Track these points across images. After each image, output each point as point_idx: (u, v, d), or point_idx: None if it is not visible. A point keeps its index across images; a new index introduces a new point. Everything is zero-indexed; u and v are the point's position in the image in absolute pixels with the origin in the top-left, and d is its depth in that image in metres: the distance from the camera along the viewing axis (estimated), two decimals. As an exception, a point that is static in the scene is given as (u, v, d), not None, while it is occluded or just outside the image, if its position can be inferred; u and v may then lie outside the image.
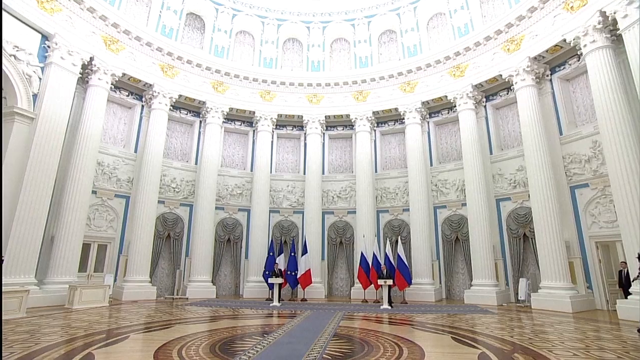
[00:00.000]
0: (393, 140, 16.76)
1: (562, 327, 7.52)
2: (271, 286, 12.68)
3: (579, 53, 11.04)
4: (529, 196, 11.87)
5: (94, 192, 12.44)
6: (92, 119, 12.01)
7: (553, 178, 11.20)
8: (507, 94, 13.68)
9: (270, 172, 16.20)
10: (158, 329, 7.24)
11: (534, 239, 11.42)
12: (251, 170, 16.33)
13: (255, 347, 5.60)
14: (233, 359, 4.91)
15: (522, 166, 12.68)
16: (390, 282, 11.57)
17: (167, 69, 14.42)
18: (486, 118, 14.27)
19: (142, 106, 14.47)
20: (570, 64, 11.87)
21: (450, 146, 15.45)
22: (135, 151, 14.00)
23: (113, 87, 13.26)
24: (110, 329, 7.01)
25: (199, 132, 15.87)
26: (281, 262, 13.65)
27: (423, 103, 15.22)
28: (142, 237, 12.70)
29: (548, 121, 12.00)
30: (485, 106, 14.37)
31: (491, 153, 13.91)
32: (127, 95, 14.15)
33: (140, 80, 13.81)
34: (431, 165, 15.41)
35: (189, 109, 15.74)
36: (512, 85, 12.73)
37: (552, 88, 12.35)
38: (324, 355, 5.21)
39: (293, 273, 13.60)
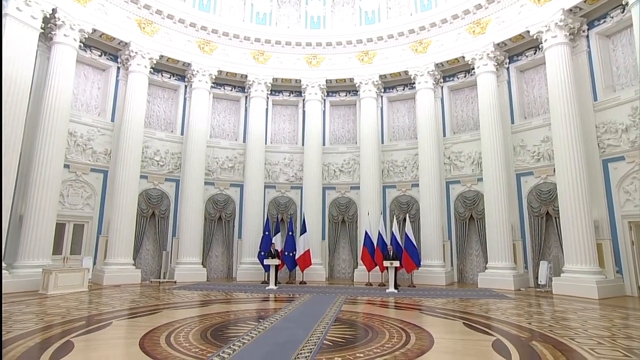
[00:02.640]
0: (402, 107, 16.51)
1: (587, 314, 7.60)
2: (267, 268, 12.81)
3: (623, 3, 10.59)
4: (554, 170, 11.75)
5: (66, 166, 12.30)
6: (60, 82, 11.63)
7: (583, 150, 11.02)
8: (535, 54, 13.27)
9: (265, 143, 16.05)
10: (144, 314, 7.33)
11: (558, 218, 11.38)
12: (244, 141, 16.18)
13: (250, 333, 5.67)
14: (226, 345, 4.97)
15: (548, 137, 12.48)
16: (397, 263, 11.67)
17: (145, 24, 13.95)
18: (508, 82, 13.94)
19: (118, 68, 14.09)
20: (612, 17, 11.35)
21: (466, 114, 15.20)
22: (112, 120, 13.77)
23: (83, 45, 12.83)
24: (91, 316, 7.09)
25: (185, 99, 15.59)
26: (278, 242, 13.71)
27: (437, 65, 14.84)
28: (124, 216, 12.70)
29: (581, 85, 11.67)
30: (507, 68, 14.00)
31: (513, 122, 13.69)
32: (100, 56, 13.75)
33: (114, 38, 13.37)
34: (444, 135, 15.23)
35: (173, 72, 15.38)
36: (541, 43, 12.29)
37: (588, 46, 11.93)
38: (324, 341, 5.28)
39: (291, 254, 13.72)
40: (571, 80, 11.41)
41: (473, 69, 14.12)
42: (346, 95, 16.84)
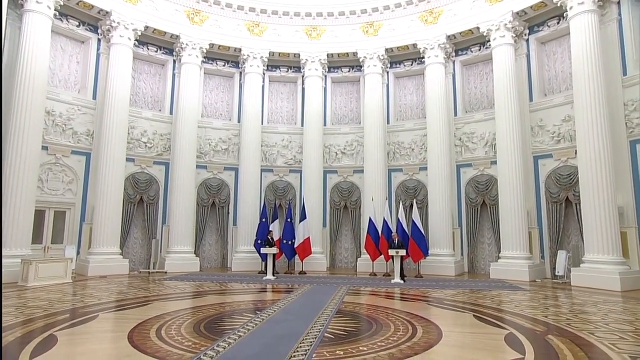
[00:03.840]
0: (409, 84, 16.33)
1: (608, 307, 7.62)
2: (264, 257, 12.88)
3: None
4: (575, 152, 11.65)
5: (44, 147, 12.20)
6: (34, 54, 11.36)
7: (609, 129, 10.83)
8: (558, 23, 12.98)
9: (262, 124, 15.95)
10: (132, 306, 7.38)
11: (579, 204, 11.34)
12: (238, 121, 16.07)
13: (247, 325, 5.71)
14: (221, 338, 5.00)
15: (570, 116, 12.33)
16: (402, 252, 11.70)
17: (129, -9, 13.67)
18: (528, 55, 13.70)
19: (99, 40, 13.83)
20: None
21: (479, 91, 15.03)
22: (94, 97, 13.62)
23: (58, 14, 12.56)
24: (75, 308, 7.14)
25: (173, 74, 15.42)
26: (275, 229, 13.77)
27: (449, 37, 14.61)
28: (109, 202, 12.70)
29: (609, 57, 11.39)
30: (527, 40, 13.74)
31: (531, 100, 13.51)
32: (78, 26, 13.48)
33: (93, 6, 13.09)
34: (455, 115, 15.10)
35: (160, 44, 15.15)
36: (566, 10, 11.98)
37: (619, 14, 11.63)
38: (325, 334, 5.32)
39: (289, 242, 13.76)
40: (598, 51, 11.11)
41: (488, 41, 13.89)
42: (349, 71, 16.64)
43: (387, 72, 16.20)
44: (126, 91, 13.48)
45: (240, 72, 16.25)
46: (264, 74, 16.18)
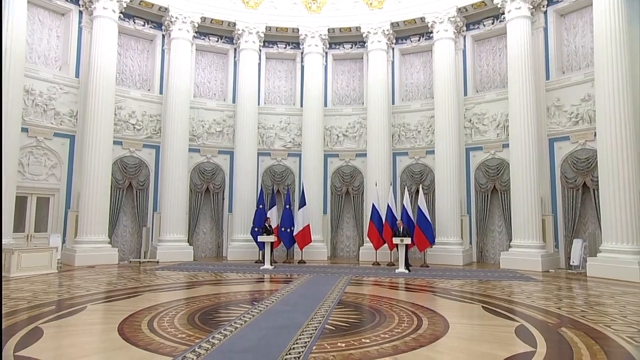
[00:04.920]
0: (416, 61, 16.18)
1: (626, 299, 7.64)
2: (261, 246, 12.93)
3: None
4: (594, 134, 11.56)
5: (24, 129, 12.10)
6: (10, 26, 11.01)
7: (631, 109, 10.64)
8: (580, -9, 12.76)
9: (258, 104, 15.87)
10: (122, 298, 7.43)
11: (597, 190, 11.29)
12: (233, 102, 15.98)
13: (244, 317, 5.75)
14: (217, 330, 5.03)
15: (590, 95, 12.19)
16: (408, 240, 11.75)
17: (112, -41, 13.41)
18: (545, 29, 13.49)
19: (80, 12, 13.62)
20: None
21: (492, 69, 14.88)
22: (77, 75, 13.48)
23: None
24: (62, 300, 7.18)
25: (163, 51, 15.28)
26: (273, 216, 13.80)
27: (459, 10, 14.40)
28: (96, 188, 12.67)
29: (635, 30, 11.16)
30: (545, 12, 13.52)
31: (548, 78, 13.36)
32: (58, -3, 13.27)
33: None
34: (465, 94, 14.99)
35: (147, 18, 14.96)
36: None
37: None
38: (326, 325, 5.36)
39: (288, 230, 13.81)
40: (623, 25, 10.79)
41: (502, 13, 13.68)
42: (352, 48, 16.47)
43: (393, 49, 16.04)
44: (112, 68, 13.34)
45: (235, 49, 16.08)
46: (260, 50, 16.01)
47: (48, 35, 13.31)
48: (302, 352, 4.19)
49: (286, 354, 4.11)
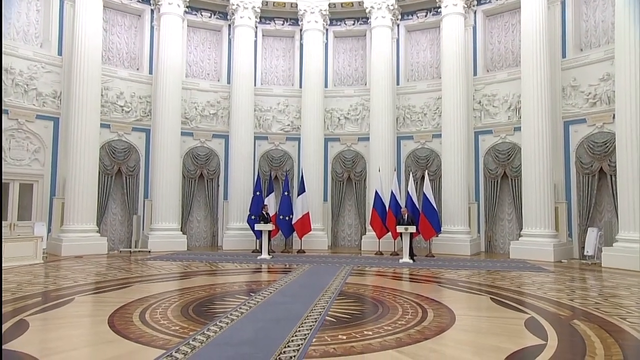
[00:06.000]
0: (423, 39, 16.05)
1: (642, 290, 7.70)
2: (258, 234, 12.97)
3: None
4: (613, 117, 11.49)
5: (4, 111, 12.05)
6: None
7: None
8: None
9: (255, 85, 15.79)
10: (112, 289, 7.47)
11: (615, 176, 11.28)
12: (228, 82, 15.91)
13: (240, 308, 5.79)
14: (212, 322, 5.07)
15: (609, 74, 12.04)
16: (412, 229, 11.76)
17: None
18: (563, 3, 13.31)
19: (63, -14, 13.49)
20: None
21: (504, 46, 14.75)
22: (60, 53, 13.35)
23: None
24: (48, 291, 7.21)
25: (152, 27, 15.12)
26: (271, 203, 13.82)
27: (469, -18, 14.24)
28: (83, 173, 12.65)
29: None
30: (563, -17, 13.38)
31: (564, 56, 13.24)
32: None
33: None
34: (475, 74, 14.91)
35: (135, -9, 14.80)
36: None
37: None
38: (327, 317, 5.40)
39: (287, 218, 13.85)
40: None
41: (516, -14, 13.51)
42: (354, 24, 16.32)
43: (398, 25, 15.90)
44: (97, 46, 13.18)
45: (229, 25, 15.94)
46: (256, 27, 15.85)
47: (27, 9, 13.10)
48: (302, 344, 4.22)
49: (285, 347, 4.13)
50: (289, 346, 4.16)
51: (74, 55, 12.89)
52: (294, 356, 3.89)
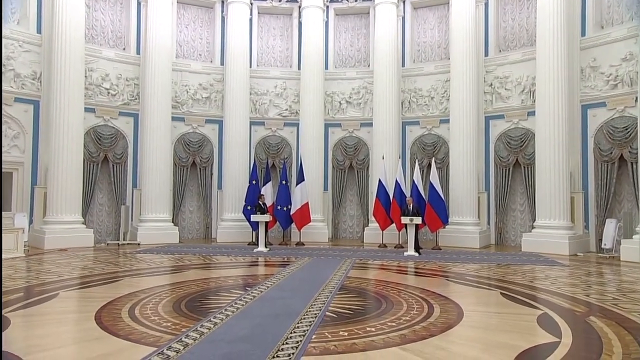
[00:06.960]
0: (430, 16, 15.96)
1: (664, 285, 7.71)
2: (255, 226, 12.99)
3: None
4: (635, 100, 11.45)
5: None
6: None
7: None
8: None
9: (250, 67, 15.75)
10: (99, 283, 7.48)
11: (636, 163, 11.27)
12: (221, 64, 15.85)
13: (235, 304, 5.80)
14: (206, 318, 5.08)
15: (632, 53, 11.94)
16: (418, 220, 11.78)
17: None
18: (582, -25, 13.22)
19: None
20: None
21: (517, 24, 14.65)
22: (39, 31, 13.22)
23: None
24: (31, 286, 7.21)
25: (139, 3, 15.00)
26: (268, 193, 13.82)
27: (480, -44, 14.11)
28: (66, 161, 12.62)
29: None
30: (581, -44, 13.23)
31: (583, 34, 13.10)
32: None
33: None
34: (486, 55, 14.84)
35: (121, -35, 14.66)
36: None
37: None
38: (327, 313, 5.41)
39: (285, 208, 13.86)
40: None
41: (530, -40, 13.38)
42: (356, 1, 16.24)
43: (404, 2, 15.84)
44: (80, 23, 13.03)
45: (223, 2, 15.85)
46: (251, 4, 15.79)
47: (-1, -19, 12.98)
48: (301, 341, 4.23)
49: (283, 343, 4.15)
50: (287, 343, 4.17)
51: (54, 32, 12.75)
52: (293, 353, 3.89)
